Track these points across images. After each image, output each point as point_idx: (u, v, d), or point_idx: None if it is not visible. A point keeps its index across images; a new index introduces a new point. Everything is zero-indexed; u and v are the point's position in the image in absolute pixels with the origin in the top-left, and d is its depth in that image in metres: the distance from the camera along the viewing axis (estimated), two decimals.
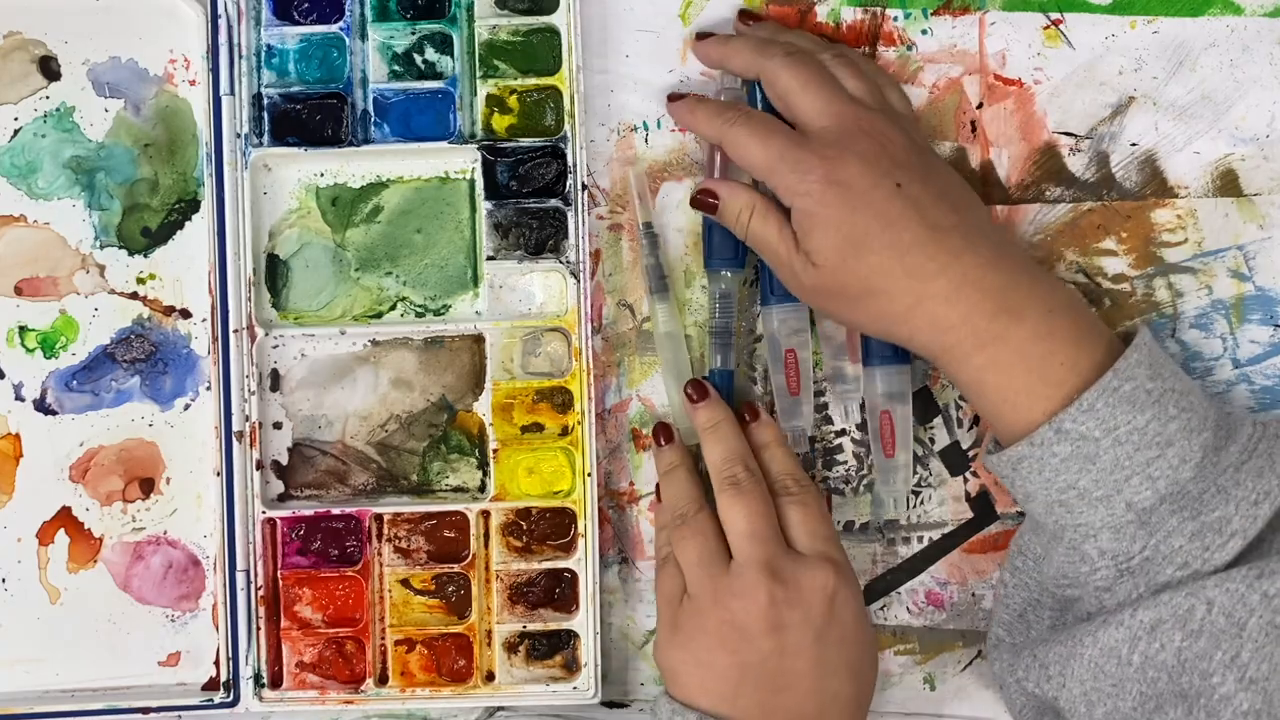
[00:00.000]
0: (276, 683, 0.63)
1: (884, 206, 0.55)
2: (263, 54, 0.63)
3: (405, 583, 0.64)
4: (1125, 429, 0.53)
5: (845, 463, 0.64)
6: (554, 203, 0.63)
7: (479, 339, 0.64)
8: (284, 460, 0.64)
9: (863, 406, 0.64)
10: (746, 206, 0.59)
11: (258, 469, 0.63)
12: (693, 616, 0.58)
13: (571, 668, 0.63)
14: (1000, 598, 0.61)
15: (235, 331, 0.63)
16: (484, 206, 0.63)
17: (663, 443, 0.63)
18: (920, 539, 0.64)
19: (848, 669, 0.57)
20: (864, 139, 0.57)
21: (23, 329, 0.64)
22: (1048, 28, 0.64)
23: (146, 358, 0.64)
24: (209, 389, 0.64)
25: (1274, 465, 0.54)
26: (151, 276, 0.64)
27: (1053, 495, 0.55)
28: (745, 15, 0.63)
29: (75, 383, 0.64)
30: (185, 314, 0.64)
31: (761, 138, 0.58)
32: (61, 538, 0.64)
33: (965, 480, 0.64)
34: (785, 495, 0.60)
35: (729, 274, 0.63)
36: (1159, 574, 0.53)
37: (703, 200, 0.61)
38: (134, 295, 0.64)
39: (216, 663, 0.64)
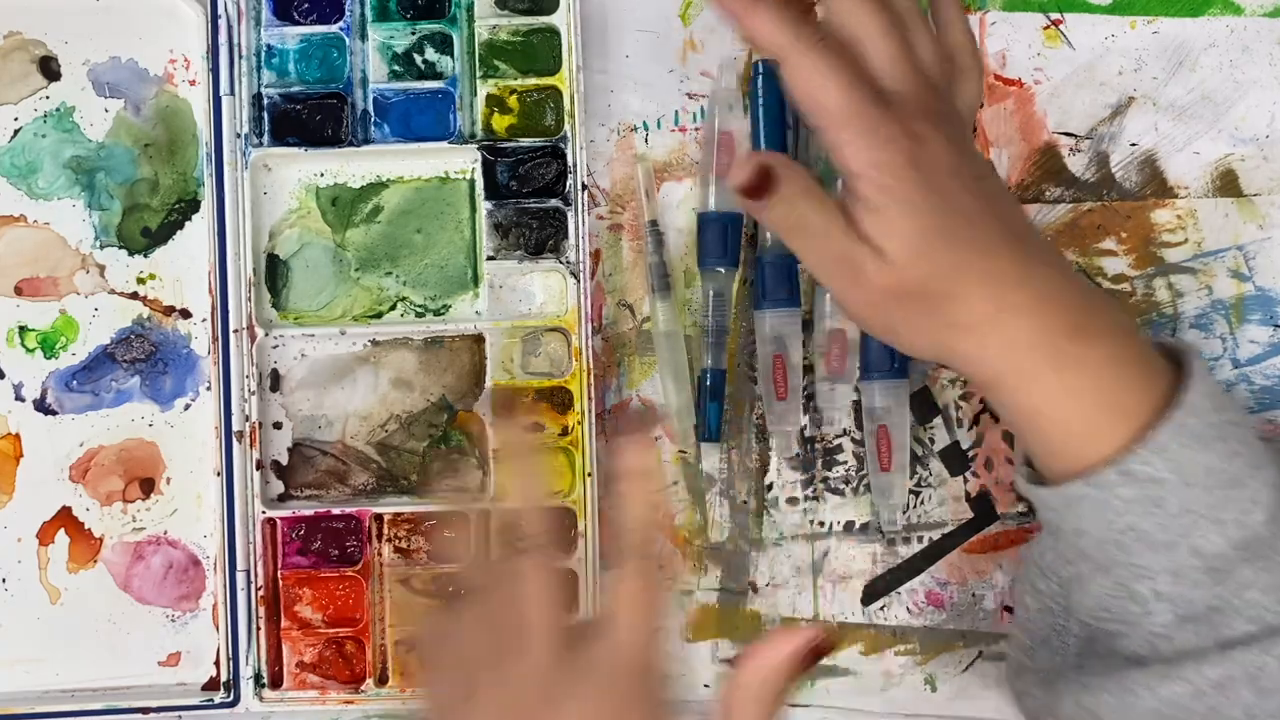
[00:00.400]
0: (276, 683, 0.63)
1: (967, 198, 0.48)
2: (263, 54, 0.63)
3: (405, 583, 0.64)
4: (1194, 469, 0.47)
5: (845, 463, 0.64)
6: (554, 203, 0.63)
7: (479, 339, 0.64)
8: (284, 460, 0.64)
9: (858, 416, 0.64)
10: (806, 189, 0.49)
11: (258, 469, 0.63)
12: None
13: None
14: (1021, 621, 0.55)
15: (235, 331, 0.63)
16: (484, 206, 0.63)
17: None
18: (920, 539, 0.64)
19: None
20: (945, 121, 0.49)
21: (23, 329, 0.64)
22: (1048, 28, 0.64)
23: (146, 358, 0.64)
24: (209, 389, 0.64)
25: None
26: (151, 276, 0.64)
27: (1109, 536, 0.48)
28: None
29: (75, 383, 0.64)
30: (185, 314, 0.64)
31: (844, 80, 0.47)
32: (61, 538, 0.64)
33: (965, 480, 0.64)
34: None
35: (722, 271, 0.63)
36: (1228, 627, 0.48)
37: (755, 182, 0.48)
38: (134, 295, 0.64)
39: (216, 663, 0.64)
